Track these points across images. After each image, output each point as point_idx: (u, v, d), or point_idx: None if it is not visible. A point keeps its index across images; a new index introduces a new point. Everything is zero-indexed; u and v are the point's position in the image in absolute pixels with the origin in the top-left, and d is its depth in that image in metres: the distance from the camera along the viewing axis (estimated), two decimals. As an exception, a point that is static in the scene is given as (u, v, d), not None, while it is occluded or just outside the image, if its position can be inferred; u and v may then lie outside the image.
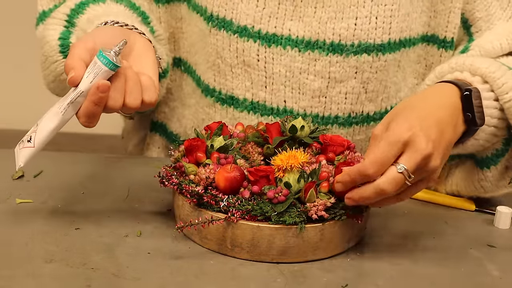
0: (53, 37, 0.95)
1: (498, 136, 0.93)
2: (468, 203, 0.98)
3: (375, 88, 1.01)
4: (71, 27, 0.95)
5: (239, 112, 1.03)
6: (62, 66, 0.94)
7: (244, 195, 0.78)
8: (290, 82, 0.99)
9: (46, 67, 0.98)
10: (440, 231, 0.90)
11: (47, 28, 0.97)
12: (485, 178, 0.98)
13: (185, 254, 0.79)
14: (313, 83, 0.98)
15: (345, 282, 0.75)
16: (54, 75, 0.98)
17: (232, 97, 1.03)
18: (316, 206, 0.77)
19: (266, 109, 1.02)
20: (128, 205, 0.90)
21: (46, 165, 1.00)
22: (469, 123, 0.86)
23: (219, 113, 1.04)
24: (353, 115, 1.03)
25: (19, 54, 2.38)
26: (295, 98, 1.01)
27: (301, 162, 0.79)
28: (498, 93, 0.90)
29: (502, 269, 0.81)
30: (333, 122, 1.02)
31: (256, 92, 1.01)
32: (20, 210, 0.86)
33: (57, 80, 0.98)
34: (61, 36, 0.95)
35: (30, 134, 0.80)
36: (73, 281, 0.71)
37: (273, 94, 1.01)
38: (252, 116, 1.03)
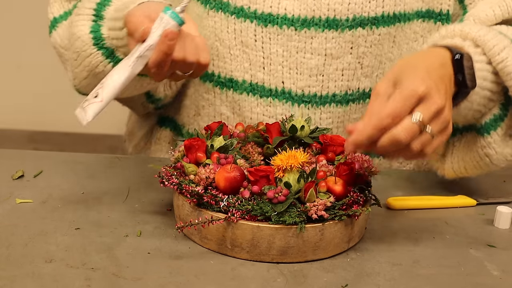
0: (83, 31, 0.96)
1: (494, 100, 0.94)
2: (469, 200, 0.98)
3: (371, 63, 1.03)
4: (99, 20, 0.96)
5: (239, 94, 1.04)
6: (97, 58, 0.96)
7: (244, 195, 0.78)
8: (287, 62, 1.01)
9: (79, 63, 0.98)
10: (440, 231, 0.90)
11: (75, 25, 0.98)
12: (488, 145, 0.98)
13: (185, 254, 0.79)
14: (310, 61, 0.99)
15: (345, 282, 0.75)
16: (88, 69, 0.98)
17: (231, 79, 1.04)
18: (316, 206, 0.77)
19: (265, 91, 1.03)
20: (128, 205, 0.90)
21: (46, 165, 1.00)
22: (460, 85, 0.87)
23: (219, 97, 1.06)
24: (349, 92, 1.04)
25: (19, 54, 2.38)
26: (292, 78, 1.02)
27: (301, 162, 0.79)
28: (490, 55, 0.90)
29: (502, 269, 0.81)
30: (330, 100, 1.03)
31: (255, 74, 1.03)
32: (20, 210, 0.86)
33: (92, 74, 0.98)
34: (92, 29, 0.96)
35: (96, 91, 0.82)
36: (73, 281, 0.72)
37: (271, 75, 1.02)
38: (252, 98, 1.04)
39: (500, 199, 1.01)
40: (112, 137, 2.52)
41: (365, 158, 0.86)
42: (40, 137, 2.45)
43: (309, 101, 1.04)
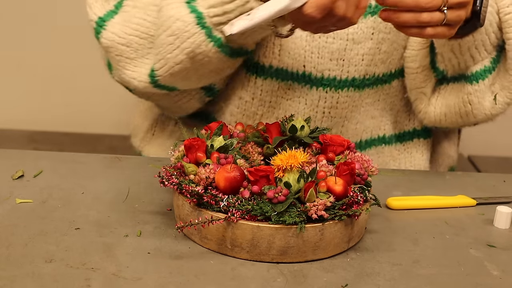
0: (183, 12, 0.97)
1: (488, 51, 1.01)
2: (469, 200, 0.98)
3: (388, 49, 1.09)
4: (193, 1, 0.98)
5: (263, 79, 1.08)
6: (200, 38, 0.97)
7: (244, 195, 0.78)
8: (310, 46, 1.05)
9: (176, 46, 0.99)
10: (440, 231, 0.90)
11: (169, 9, 0.98)
12: (474, 92, 1.05)
13: (185, 254, 0.79)
14: (332, 45, 1.03)
15: (345, 282, 0.75)
16: (188, 51, 0.99)
17: (257, 64, 1.08)
18: (316, 205, 0.77)
19: (287, 74, 1.07)
20: (128, 205, 0.90)
21: (46, 165, 1.00)
22: (473, 16, 0.95)
23: (241, 82, 1.10)
24: (367, 77, 1.09)
25: (19, 54, 2.38)
26: (313, 62, 1.06)
27: (301, 162, 0.79)
28: (500, 5, 0.98)
29: (502, 269, 0.81)
30: (349, 84, 1.08)
31: (282, 59, 1.06)
32: (20, 210, 0.86)
33: (189, 57, 0.99)
34: (191, 10, 0.97)
35: (248, 12, 0.84)
36: (73, 281, 0.72)
37: (294, 58, 1.06)
38: (274, 81, 1.08)
39: (500, 199, 1.01)
40: (112, 137, 2.52)
41: (365, 158, 0.86)
42: (40, 137, 2.45)
43: (328, 84, 1.08)
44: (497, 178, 1.12)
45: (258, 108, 1.11)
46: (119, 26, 1.04)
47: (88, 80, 2.44)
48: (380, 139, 1.17)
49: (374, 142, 1.17)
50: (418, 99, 1.14)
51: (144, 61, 1.04)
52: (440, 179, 1.10)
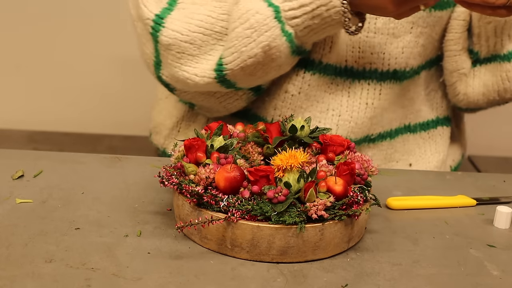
0: (261, 5, 0.99)
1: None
2: (469, 200, 0.98)
3: (424, 42, 1.14)
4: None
5: (311, 75, 1.11)
6: (276, 32, 0.99)
7: (244, 195, 0.78)
8: (351, 41, 1.09)
9: (253, 39, 0.99)
10: (440, 231, 0.90)
11: (247, 2, 0.99)
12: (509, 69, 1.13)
13: (185, 254, 0.79)
14: (373, 39, 1.07)
15: (345, 282, 0.75)
16: (263, 45, 0.99)
17: (307, 60, 1.11)
18: (316, 205, 0.77)
19: (331, 69, 1.10)
20: (128, 205, 0.90)
21: (46, 165, 1.00)
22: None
23: (288, 76, 1.12)
24: (407, 69, 1.14)
25: (19, 54, 2.38)
26: (355, 56, 1.09)
27: (301, 162, 0.79)
28: None
29: (502, 269, 0.81)
30: (391, 77, 1.13)
31: (326, 54, 1.09)
32: (20, 210, 0.86)
33: (264, 51, 1.00)
34: (269, 3, 0.99)
35: None
36: (73, 281, 0.72)
37: (337, 53, 1.09)
38: (319, 76, 1.11)
39: (500, 199, 1.01)
40: (112, 137, 2.52)
41: (365, 158, 0.86)
42: (40, 137, 2.45)
43: (369, 76, 1.12)
44: (497, 178, 1.13)
45: (303, 102, 1.13)
46: (180, 23, 1.02)
47: (88, 80, 2.44)
48: (406, 127, 1.22)
49: (401, 130, 1.21)
50: (458, 81, 1.20)
51: (207, 57, 1.04)
52: (440, 179, 1.10)
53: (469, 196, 1.00)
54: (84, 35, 2.37)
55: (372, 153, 1.19)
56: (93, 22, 2.36)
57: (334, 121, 1.13)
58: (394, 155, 1.21)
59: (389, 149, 1.20)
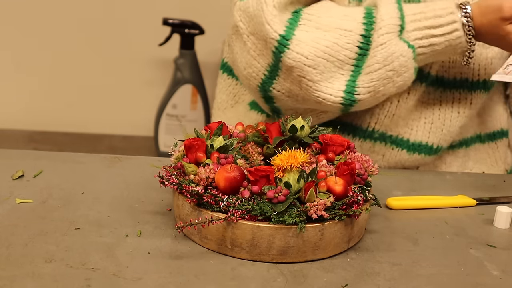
0: (404, 48, 1.03)
1: None
2: (469, 200, 0.98)
3: (506, 53, 1.15)
4: (401, 34, 1.04)
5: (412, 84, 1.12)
6: (412, 71, 1.05)
7: (244, 195, 0.78)
8: None
9: (393, 80, 1.04)
10: (440, 231, 0.90)
11: (393, 44, 1.02)
12: None
13: (185, 254, 0.79)
14: None
15: (345, 282, 0.75)
16: (399, 85, 1.05)
17: None
18: (316, 205, 0.77)
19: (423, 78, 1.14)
20: (128, 205, 0.90)
21: (46, 165, 1.00)
22: None
23: None
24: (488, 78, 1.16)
25: (19, 54, 2.38)
26: (445, 66, 1.14)
27: (301, 162, 0.79)
28: None
29: (502, 269, 0.81)
30: (481, 86, 1.16)
31: (432, 65, 1.13)
32: (20, 210, 0.86)
33: (400, 87, 1.06)
34: (408, 44, 1.03)
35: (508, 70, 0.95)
36: (73, 281, 0.72)
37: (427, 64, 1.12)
38: (418, 86, 1.14)
39: (500, 199, 1.01)
40: (112, 137, 2.52)
41: (365, 158, 0.86)
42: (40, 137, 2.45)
43: (460, 85, 1.15)
44: (497, 178, 1.13)
45: (401, 110, 1.15)
46: (306, 46, 1.03)
47: (88, 80, 2.44)
48: (477, 137, 1.24)
49: (475, 140, 1.24)
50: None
51: (327, 84, 1.04)
52: (440, 179, 1.10)
53: (469, 196, 1.00)
54: (84, 35, 2.38)
55: (450, 159, 1.21)
56: (93, 22, 2.36)
57: (427, 129, 1.15)
58: (468, 163, 1.22)
59: (465, 156, 1.22)
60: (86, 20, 2.36)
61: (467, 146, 1.22)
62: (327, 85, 1.04)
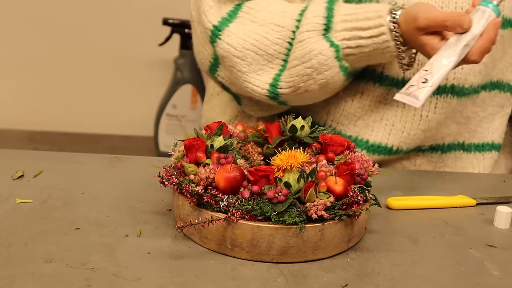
0: (324, 45, 1.02)
1: None
2: (469, 200, 0.98)
3: (486, 60, 1.13)
4: (327, 33, 1.03)
5: (364, 83, 1.12)
6: (335, 70, 1.03)
7: (244, 195, 0.78)
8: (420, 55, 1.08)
9: (312, 77, 1.04)
10: (440, 231, 0.90)
11: (311, 42, 1.03)
12: None
13: (185, 254, 0.79)
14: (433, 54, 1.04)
15: (345, 282, 0.75)
16: (322, 82, 1.04)
17: (365, 70, 1.11)
18: (316, 205, 0.77)
19: (388, 80, 1.12)
20: (128, 205, 0.90)
21: (46, 165, 1.00)
22: None
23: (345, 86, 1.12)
24: (466, 85, 1.14)
25: (19, 54, 2.38)
26: (414, 69, 1.09)
27: (301, 162, 0.79)
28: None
29: (502, 269, 0.81)
30: (448, 91, 1.13)
31: (387, 65, 1.11)
32: (20, 210, 0.86)
33: (322, 86, 1.05)
34: (331, 43, 1.02)
35: (424, 77, 0.90)
36: (73, 281, 0.72)
37: (396, 66, 1.08)
38: (375, 86, 1.12)
39: (500, 199, 1.01)
40: (112, 137, 2.52)
41: (365, 158, 0.86)
42: (40, 137, 2.45)
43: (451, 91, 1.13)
44: (497, 178, 1.13)
45: (356, 110, 1.14)
46: (236, 38, 1.06)
47: (88, 80, 2.44)
48: (459, 145, 1.21)
49: (455, 147, 1.20)
50: None
51: (255, 76, 1.07)
52: (440, 179, 1.10)
53: (469, 196, 1.00)
54: (84, 35, 2.38)
55: (421, 161, 1.20)
56: (93, 22, 2.36)
57: (387, 130, 1.14)
58: (444, 170, 1.21)
59: (440, 162, 1.20)
60: (86, 20, 2.36)
61: (444, 152, 1.19)
62: (256, 77, 1.07)
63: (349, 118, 1.15)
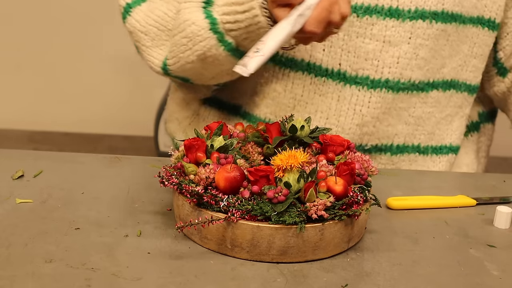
0: (198, 16, 1.03)
1: None
2: (469, 200, 0.98)
3: (425, 55, 1.10)
4: (209, 7, 1.03)
5: (294, 72, 1.11)
6: (211, 42, 1.02)
7: (244, 195, 0.78)
8: (347, 45, 1.07)
9: (189, 47, 1.04)
10: (440, 231, 0.90)
11: (186, 13, 1.04)
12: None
13: (185, 254, 0.79)
14: (368, 46, 1.04)
15: (345, 282, 0.76)
16: (199, 53, 1.04)
17: (292, 59, 1.10)
18: (316, 205, 0.77)
19: (321, 70, 1.10)
20: (128, 205, 0.90)
21: (46, 165, 1.00)
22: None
23: (276, 75, 1.12)
24: (401, 80, 1.10)
25: (19, 54, 2.38)
26: (349, 61, 1.08)
27: (301, 162, 0.79)
28: None
29: (502, 269, 0.81)
30: (382, 85, 1.10)
31: (314, 54, 1.09)
32: (20, 210, 0.87)
33: (200, 59, 1.05)
34: (207, 15, 1.02)
35: (256, 47, 0.88)
36: (73, 281, 0.72)
37: (330, 56, 1.08)
38: (306, 76, 1.11)
39: (500, 199, 1.01)
40: (112, 137, 2.52)
41: (365, 158, 0.86)
42: (40, 137, 2.45)
43: (361, 82, 1.10)
44: (497, 178, 1.13)
45: (289, 100, 1.13)
46: (143, 14, 1.11)
47: (88, 80, 2.44)
48: (414, 147, 1.18)
49: (407, 149, 1.18)
50: None
51: (157, 51, 1.11)
52: (440, 179, 1.10)
53: (469, 196, 1.00)
54: (85, 35, 2.38)
55: None
56: (93, 22, 2.36)
57: (321, 124, 1.12)
58: None
59: (389, 164, 1.18)
60: (86, 20, 2.36)
61: (394, 153, 1.17)
62: (158, 51, 1.11)
63: (284, 109, 1.14)
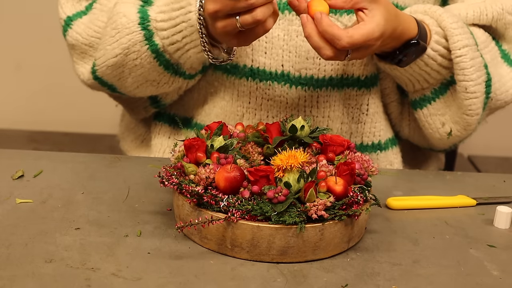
0: (131, 11, 1.02)
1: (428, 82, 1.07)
2: (469, 200, 0.98)
3: None
4: (147, 6, 1.02)
5: (239, 79, 1.09)
6: (137, 37, 1.01)
7: (244, 195, 0.78)
8: (287, 45, 1.06)
9: (115, 40, 1.03)
10: (440, 231, 0.90)
11: (121, 6, 1.03)
12: (419, 118, 1.11)
13: (185, 254, 0.79)
14: (308, 44, 1.00)
15: (345, 282, 0.75)
16: (123, 47, 1.03)
17: (235, 65, 1.08)
18: (316, 205, 0.77)
19: (265, 74, 1.07)
20: (128, 205, 0.90)
21: (46, 165, 1.00)
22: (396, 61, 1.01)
23: (223, 84, 1.11)
24: (345, 76, 1.09)
25: (19, 54, 2.38)
26: (291, 61, 1.06)
27: (301, 162, 0.79)
28: (452, 47, 1.01)
29: (502, 269, 0.81)
30: (327, 84, 1.08)
31: (256, 58, 1.07)
32: (20, 210, 0.86)
33: (124, 53, 1.03)
34: (140, 10, 1.01)
35: None
36: (73, 281, 0.72)
37: (272, 58, 1.06)
38: (251, 82, 1.08)
39: (500, 199, 1.01)
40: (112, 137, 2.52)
41: (365, 158, 0.86)
42: (40, 137, 2.45)
43: (305, 83, 1.08)
44: (497, 178, 1.12)
45: (237, 109, 1.11)
46: (84, 26, 1.10)
47: (88, 80, 2.44)
48: (375, 145, 1.16)
49: (367, 148, 1.16)
50: None
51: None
52: (440, 179, 1.10)
53: (469, 196, 1.00)
54: (84, 35, 2.38)
55: None
56: (93, 22, 2.36)
57: None
58: None
59: None
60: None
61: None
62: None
63: (233, 118, 1.12)
